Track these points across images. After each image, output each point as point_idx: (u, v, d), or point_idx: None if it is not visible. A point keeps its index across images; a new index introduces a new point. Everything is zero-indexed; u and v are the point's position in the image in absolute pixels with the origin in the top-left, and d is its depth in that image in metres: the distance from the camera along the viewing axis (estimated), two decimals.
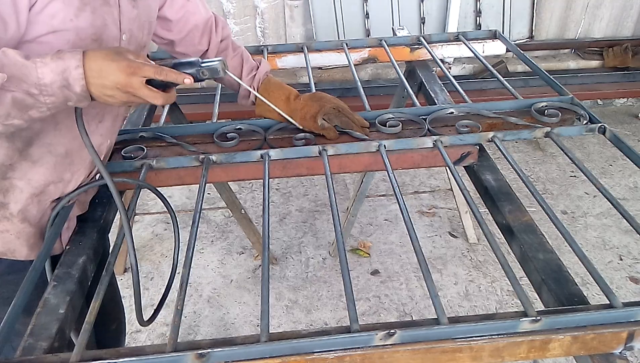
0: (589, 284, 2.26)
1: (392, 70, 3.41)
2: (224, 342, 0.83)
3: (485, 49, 1.89)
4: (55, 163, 1.06)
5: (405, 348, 0.83)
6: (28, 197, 1.05)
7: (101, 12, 0.98)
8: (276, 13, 3.46)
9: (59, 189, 1.09)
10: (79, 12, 0.94)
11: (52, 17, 0.91)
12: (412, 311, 2.37)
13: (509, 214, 1.13)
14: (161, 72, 0.93)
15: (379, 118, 1.37)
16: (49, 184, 1.07)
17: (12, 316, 0.87)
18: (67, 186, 1.10)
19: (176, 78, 0.95)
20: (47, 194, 1.08)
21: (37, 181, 1.05)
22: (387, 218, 2.95)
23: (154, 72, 0.92)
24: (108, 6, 1.00)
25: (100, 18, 0.98)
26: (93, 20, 0.96)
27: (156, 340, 2.26)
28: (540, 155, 3.48)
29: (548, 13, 3.70)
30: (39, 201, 1.07)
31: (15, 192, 1.04)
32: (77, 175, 1.11)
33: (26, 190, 1.05)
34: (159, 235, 2.87)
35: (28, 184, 1.04)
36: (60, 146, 1.05)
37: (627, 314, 0.86)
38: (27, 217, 1.07)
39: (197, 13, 1.32)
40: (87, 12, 0.95)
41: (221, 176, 1.30)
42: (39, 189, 1.06)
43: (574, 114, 1.38)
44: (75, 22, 0.94)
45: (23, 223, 1.07)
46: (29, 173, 1.04)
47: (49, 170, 1.05)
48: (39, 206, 1.08)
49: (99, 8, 0.97)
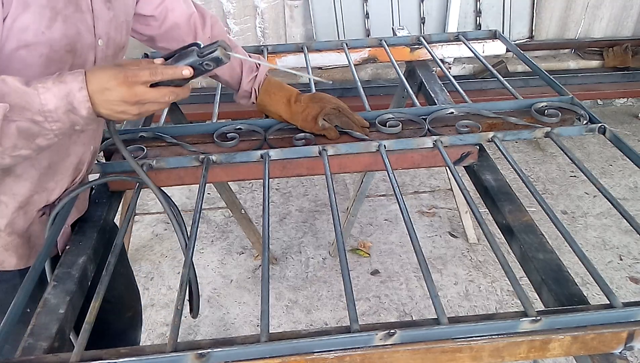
0: (589, 284, 2.26)
1: (392, 70, 3.41)
2: (224, 342, 0.83)
3: (485, 49, 1.89)
4: (40, 175, 1.04)
5: (405, 348, 0.83)
6: (14, 211, 1.04)
7: (73, 20, 0.94)
8: (276, 13, 3.46)
9: (43, 199, 1.08)
10: (51, 22, 0.90)
11: (23, 31, 0.87)
12: (412, 311, 2.37)
13: (509, 214, 1.13)
14: (156, 73, 0.89)
15: (379, 118, 1.37)
16: (33, 195, 1.06)
17: (12, 317, 0.87)
18: (51, 194, 1.09)
19: (173, 74, 0.91)
20: (32, 204, 1.07)
21: (22, 195, 1.04)
22: (387, 218, 2.95)
23: (150, 74, 0.89)
24: (80, 13, 0.95)
25: (73, 27, 0.94)
26: (66, 30, 0.92)
27: (156, 340, 2.26)
28: (540, 155, 3.48)
29: (548, 13, 3.70)
30: (24, 212, 1.07)
31: (1, 207, 1.03)
32: (61, 183, 1.10)
33: (11, 204, 1.04)
34: (159, 234, 2.87)
35: (13, 199, 1.03)
36: (43, 160, 1.03)
37: (627, 314, 0.86)
38: (15, 230, 1.06)
39: (176, 9, 1.26)
40: (59, 22, 0.91)
41: (221, 176, 1.30)
42: (24, 202, 1.05)
43: (574, 114, 1.38)
44: (47, 34, 0.90)
45: (10, 236, 1.06)
46: (14, 187, 1.02)
47: (33, 183, 1.04)
48: (25, 217, 1.07)
49: (71, 16, 0.93)
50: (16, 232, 1.07)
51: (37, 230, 1.11)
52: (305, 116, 1.30)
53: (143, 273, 2.61)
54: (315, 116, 1.29)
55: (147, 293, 2.49)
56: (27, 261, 1.11)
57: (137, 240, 2.82)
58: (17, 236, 1.07)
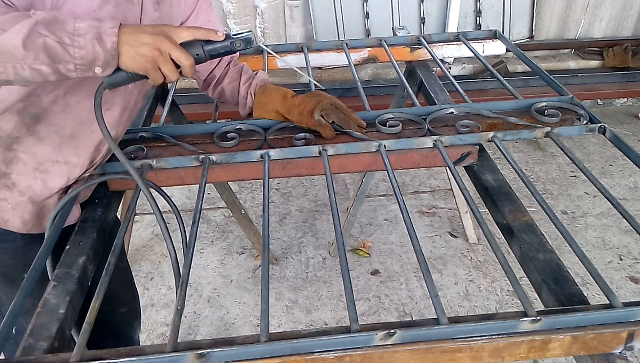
0: (589, 284, 2.26)
1: (392, 70, 3.41)
2: (224, 342, 0.83)
3: (485, 49, 1.89)
4: (61, 143, 1.08)
5: (405, 348, 0.83)
6: (31, 171, 1.08)
7: (124, 7, 1.01)
8: (276, 13, 3.46)
9: (64, 172, 1.11)
10: (103, 4, 0.98)
11: (76, 6, 0.94)
12: (412, 311, 2.37)
13: (509, 214, 1.13)
14: (191, 30, 0.95)
15: (379, 118, 1.37)
16: (53, 162, 1.09)
17: (13, 315, 0.87)
18: (73, 171, 1.12)
19: (207, 33, 0.96)
20: (52, 174, 1.10)
21: (42, 157, 1.08)
22: (387, 218, 2.95)
23: (186, 30, 0.94)
24: (131, 4, 1.03)
25: (121, 13, 1.01)
26: (115, 14, 0.99)
27: (156, 340, 2.26)
28: (540, 155, 3.48)
29: (548, 13, 3.70)
30: (42, 180, 1.09)
31: (19, 164, 1.07)
32: (82, 160, 1.13)
33: (30, 164, 1.07)
34: (159, 234, 2.87)
35: (32, 159, 1.07)
36: (67, 127, 1.07)
37: (627, 314, 0.86)
38: (28, 192, 1.09)
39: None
40: (111, 5, 0.99)
41: (221, 176, 1.30)
42: (43, 165, 1.08)
43: (574, 114, 1.38)
44: (97, 13, 0.97)
45: (22, 196, 1.09)
46: (34, 147, 1.07)
47: (54, 149, 1.08)
48: (43, 186, 1.10)
49: (122, 4, 1.01)
50: (29, 195, 1.10)
51: (52, 204, 1.14)
52: (301, 109, 1.30)
53: (143, 273, 2.61)
54: (312, 109, 1.29)
55: (147, 293, 2.49)
56: (30, 229, 1.14)
57: (137, 240, 2.82)
58: (29, 201, 1.10)
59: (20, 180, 1.08)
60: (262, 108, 1.36)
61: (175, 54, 0.92)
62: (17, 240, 1.14)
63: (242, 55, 1.80)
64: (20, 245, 1.16)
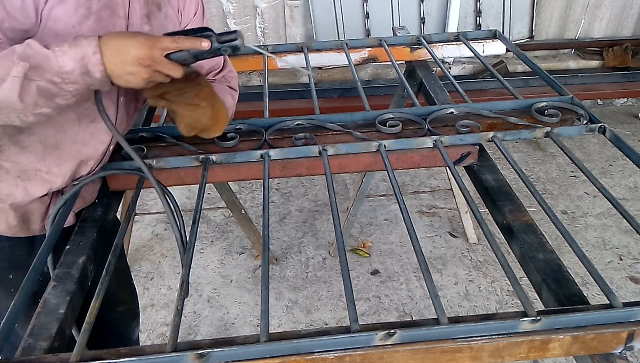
0: (589, 284, 2.26)
1: (392, 70, 3.41)
2: (224, 342, 0.83)
3: (485, 49, 1.89)
4: (44, 152, 1.08)
5: (405, 348, 0.83)
6: (13, 178, 1.08)
7: (107, 22, 0.99)
8: (276, 13, 3.46)
9: (46, 182, 1.11)
10: (83, 19, 0.95)
11: (55, 22, 0.93)
12: (412, 311, 2.37)
13: (509, 214, 1.13)
14: (177, 40, 0.93)
15: (379, 118, 1.37)
16: (35, 171, 1.09)
17: (12, 316, 0.87)
18: (55, 181, 1.11)
19: (192, 44, 0.94)
20: (34, 182, 1.09)
21: (25, 166, 1.08)
22: (387, 218, 2.95)
23: (171, 41, 0.93)
24: (117, 18, 1.01)
25: (104, 29, 0.98)
26: (96, 29, 0.97)
27: (156, 340, 2.26)
28: (540, 155, 3.48)
29: (548, 13, 3.70)
30: (24, 188, 1.09)
31: (1, 172, 1.07)
32: (64, 171, 1.12)
33: (12, 172, 1.08)
34: (159, 234, 2.87)
35: (15, 167, 1.07)
36: (50, 137, 1.07)
37: (627, 314, 0.86)
38: (9, 200, 1.09)
39: (214, 60, 1.30)
40: (91, 20, 0.96)
41: (221, 176, 1.30)
42: (25, 173, 1.08)
43: (574, 114, 1.38)
44: (77, 28, 0.95)
45: (3, 204, 1.10)
46: (17, 156, 1.06)
47: (37, 158, 1.08)
48: (24, 194, 1.10)
49: (105, 19, 0.98)
50: (10, 203, 1.10)
51: (35, 208, 1.14)
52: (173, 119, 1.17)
53: (143, 273, 2.61)
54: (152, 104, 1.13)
55: (147, 293, 2.49)
56: (16, 232, 1.15)
57: (137, 240, 2.82)
58: (10, 208, 1.11)
59: (2, 188, 1.08)
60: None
61: (164, 70, 0.94)
62: (3, 240, 1.15)
63: (243, 55, 1.81)
64: (6, 246, 1.16)
